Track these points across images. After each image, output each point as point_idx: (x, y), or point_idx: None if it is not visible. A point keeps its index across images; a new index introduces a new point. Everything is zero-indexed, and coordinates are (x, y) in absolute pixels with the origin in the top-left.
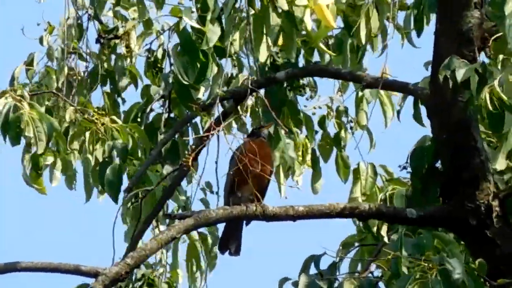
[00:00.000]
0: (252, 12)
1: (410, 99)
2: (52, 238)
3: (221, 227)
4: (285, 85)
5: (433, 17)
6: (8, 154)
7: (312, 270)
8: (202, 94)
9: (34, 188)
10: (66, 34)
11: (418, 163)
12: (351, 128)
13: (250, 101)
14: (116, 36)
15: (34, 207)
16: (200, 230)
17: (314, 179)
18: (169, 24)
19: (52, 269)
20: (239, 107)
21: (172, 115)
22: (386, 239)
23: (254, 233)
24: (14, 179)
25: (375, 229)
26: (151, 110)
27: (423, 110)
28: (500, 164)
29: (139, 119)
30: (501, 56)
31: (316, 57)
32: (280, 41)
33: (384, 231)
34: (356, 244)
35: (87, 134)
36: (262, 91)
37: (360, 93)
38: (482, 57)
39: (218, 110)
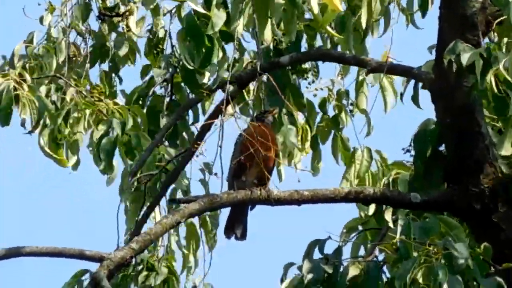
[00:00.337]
0: None
1: (412, 83)
2: (54, 224)
3: (225, 211)
4: (288, 68)
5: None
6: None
7: (316, 255)
8: (208, 79)
9: (54, 160)
10: (67, 12)
11: (421, 146)
12: (350, 111)
13: (252, 85)
14: (118, 14)
15: (36, 193)
16: None
17: (314, 160)
18: (168, 9)
19: (57, 254)
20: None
21: (174, 98)
22: (391, 224)
23: (259, 217)
24: (15, 166)
25: (371, 211)
26: (154, 93)
27: (422, 93)
28: (506, 149)
29: (140, 102)
30: (505, 39)
31: (318, 41)
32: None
33: (388, 215)
34: (360, 227)
35: (87, 112)
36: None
37: (360, 77)
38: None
39: (227, 94)
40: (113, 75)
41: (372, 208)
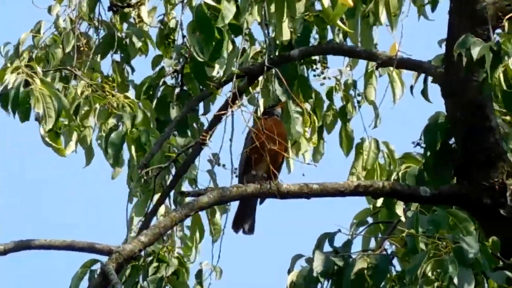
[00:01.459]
0: None
1: (422, 77)
2: (65, 216)
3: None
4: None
5: None
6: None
7: (326, 248)
8: (217, 71)
9: (52, 148)
10: (76, 2)
11: (431, 140)
12: (358, 102)
13: (261, 77)
14: (129, 5)
15: (47, 187)
16: None
17: (316, 149)
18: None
19: (66, 247)
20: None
21: (184, 88)
22: (403, 218)
23: (268, 210)
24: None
25: (379, 203)
26: (164, 83)
27: (432, 86)
28: None
29: (151, 92)
30: None
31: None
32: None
33: (399, 209)
34: (370, 219)
35: (98, 106)
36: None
37: (370, 68)
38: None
39: (235, 87)
40: (125, 65)
41: (380, 200)
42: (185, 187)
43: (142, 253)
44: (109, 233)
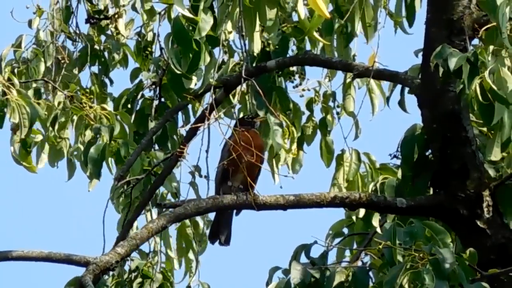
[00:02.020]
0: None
1: (399, 86)
2: (45, 228)
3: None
4: (274, 71)
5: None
6: None
7: (302, 259)
8: (195, 84)
9: (23, 166)
10: (54, 15)
11: (408, 152)
12: (337, 113)
13: (239, 87)
14: (106, 17)
15: (27, 198)
16: None
17: (294, 161)
18: (157, 11)
19: (43, 258)
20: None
21: (163, 100)
22: (378, 230)
23: (245, 222)
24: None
25: (361, 214)
26: (142, 96)
27: (409, 97)
28: (495, 155)
29: (129, 106)
30: (491, 47)
31: (307, 43)
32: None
33: (375, 220)
34: (345, 230)
35: (75, 118)
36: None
37: (348, 79)
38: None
39: (212, 99)
40: (103, 77)
41: (362, 211)
42: (169, 200)
43: (127, 269)
44: (87, 245)
